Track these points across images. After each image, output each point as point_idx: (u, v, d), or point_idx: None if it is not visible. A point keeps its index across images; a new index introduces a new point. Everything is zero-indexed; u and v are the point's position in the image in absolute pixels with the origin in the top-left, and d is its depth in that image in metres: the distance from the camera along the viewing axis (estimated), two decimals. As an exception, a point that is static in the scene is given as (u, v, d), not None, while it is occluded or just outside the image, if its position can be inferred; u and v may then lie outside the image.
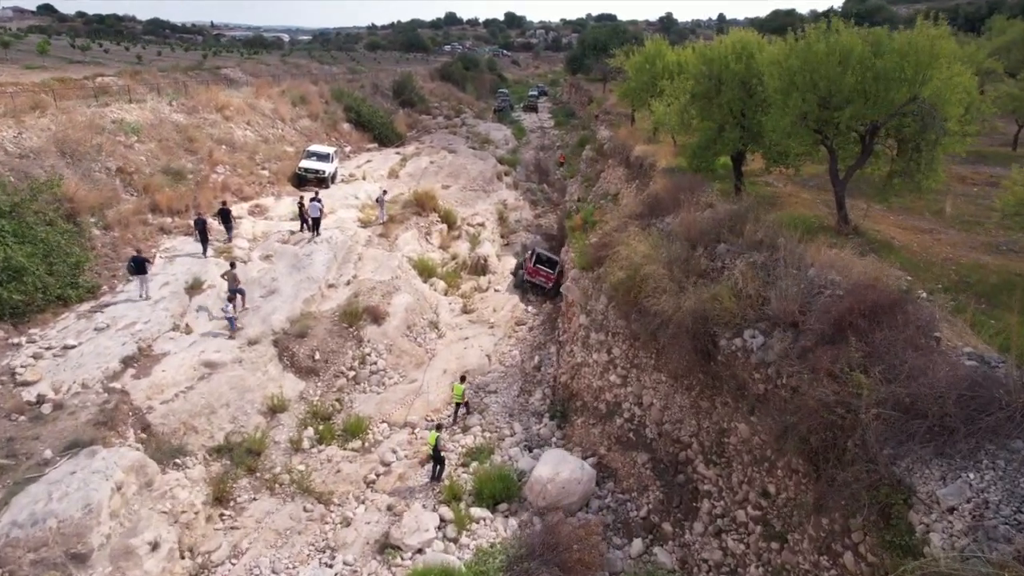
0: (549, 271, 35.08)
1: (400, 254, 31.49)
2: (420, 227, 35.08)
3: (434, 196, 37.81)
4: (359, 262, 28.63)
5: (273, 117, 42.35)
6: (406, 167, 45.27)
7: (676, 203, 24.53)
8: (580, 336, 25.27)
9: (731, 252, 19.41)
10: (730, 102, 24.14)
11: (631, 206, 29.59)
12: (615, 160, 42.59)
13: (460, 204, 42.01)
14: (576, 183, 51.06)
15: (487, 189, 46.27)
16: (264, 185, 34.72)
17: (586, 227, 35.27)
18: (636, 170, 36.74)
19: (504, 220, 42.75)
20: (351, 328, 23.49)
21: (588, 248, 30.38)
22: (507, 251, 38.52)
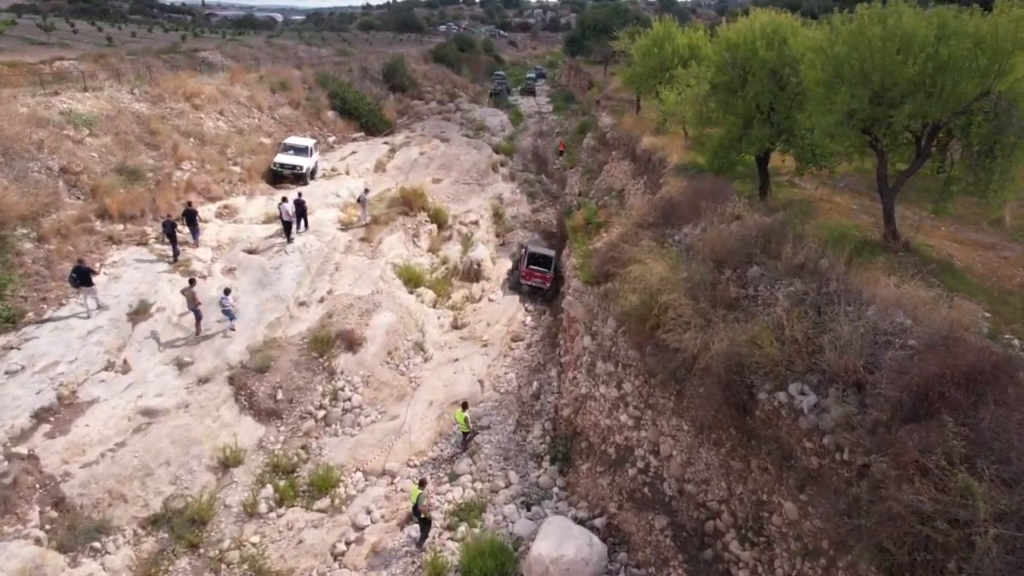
0: (544, 271, 31.97)
1: (384, 261, 28.23)
2: (407, 228, 31.77)
3: (423, 193, 34.43)
4: (336, 273, 25.38)
5: (249, 105, 38.75)
6: (394, 159, 41.79)
7: (695, 211, 21.33)
8: (584, 362, 22.16)
9: (766, 277, 16.27)
10: (758, 95, 20.79)
11: (640, 210, 26.33)
12: (619, 152, 39.20)
13: (452, 200, 38.65)
14: (576, 174, 47.69)
15: (481, 182, 42.87)
16: (235, 183, 31.28)
17: (589, 228, 32.03)
18: (643, 165, 33.41)
19: (500, 217, 39.42)
20: (322, 358, 20.28)
21: (592, 257, 27.16)
22: (503, 252, 35.24)
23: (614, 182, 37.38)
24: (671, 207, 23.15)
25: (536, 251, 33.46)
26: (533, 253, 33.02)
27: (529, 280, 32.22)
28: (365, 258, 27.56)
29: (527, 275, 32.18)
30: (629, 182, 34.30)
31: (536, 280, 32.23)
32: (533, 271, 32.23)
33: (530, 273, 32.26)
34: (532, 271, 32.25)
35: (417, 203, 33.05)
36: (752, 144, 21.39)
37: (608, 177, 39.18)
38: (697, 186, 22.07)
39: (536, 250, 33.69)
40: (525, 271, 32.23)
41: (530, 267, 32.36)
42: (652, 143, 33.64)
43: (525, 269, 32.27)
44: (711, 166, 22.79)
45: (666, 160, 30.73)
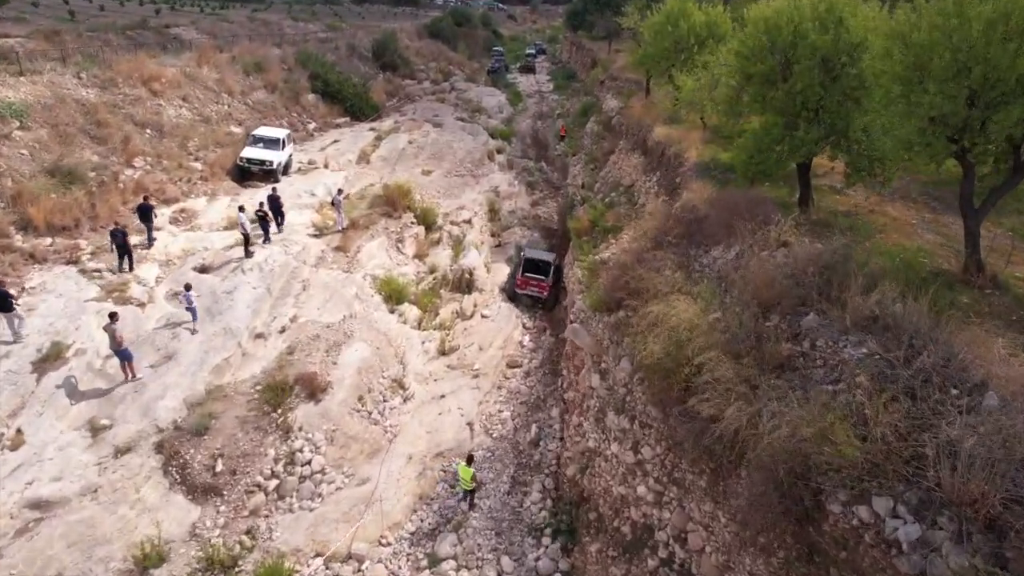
0: (541, 279, 28.28)
1: (362, 274, 24.46)
2: (390, 233, 27.94)
3: (409, 190, 30.49)
4: (303, 294, 21.63)
5: (218, 90, 34.57)
6: (380, 148, 37.70)
7: (727, 229, 17.56)
8: (592, 407, 18.55)
9: (826, 330, 12.68)
10: (806, 90, 16.87)
11: (656, 220, 22.52)
12: (628, 142, 35.19)
13: (443, 195, 34.72)
14: (579, 162, 43.63)
15: (476, 173, 38.86)
16: (195, 182, 27.33)
17: (595, 233, 28.22)
18: (656, 159, 29.46)
19: (496, 213, 35.51)
20: (276, 412, 16.64)
21: (600, 273, 23.41)
22: (499, 255, 31.41)
23: (622, 176, 33.44)
24: (696, 221, 19.33)
25: (532, 256, 29.72)
26: (528, 260, 29.35)
27: (525, 289, 28.52)
28: (340, 272, 23.78)
29: (522, 284, 28.49)
30: (640, 178, 30.39)
31: (532, 289, 28.48)
32: (529, 279, 28.53)
33: (526, 282, 28.55)
34: (528, 279, 28.54)
35: (402, 203, 29.13)
36: (796, 149, 17.50)
37: (615, 169, 35.22)
38: (728, 198, 18.25)
39: (532, 255, 29.93)
40: (520, 279, 28.52)
41: (525, 275, 28.66)
42: (666, 134, 29.65)
43: (520, 277, 28.58)
44: (744, 174, 18.92)
45: (683, 156, 26.82)
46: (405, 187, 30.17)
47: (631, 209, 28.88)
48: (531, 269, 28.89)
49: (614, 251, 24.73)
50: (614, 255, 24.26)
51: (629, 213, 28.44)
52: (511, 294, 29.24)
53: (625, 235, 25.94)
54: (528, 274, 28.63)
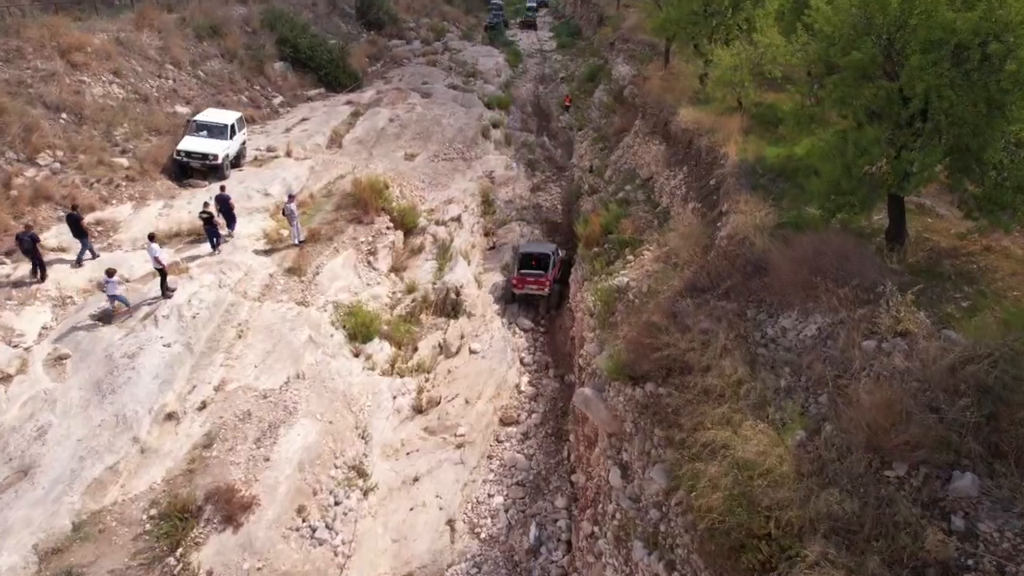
0: (540, 274, 23.70)
1: (321, 303, 19.37)
2: (359, 244, 22.70)
3: (384, 187, 25.14)
4: (238, 344, 16.57)
5: (161, 60, 28.73)
6: (355, 129, 31.93)
7: (804, 288, 12.57)
8: (610, 518, 13.78)
9: (995, 507, 8.05)
10: (928, 91, 11.48)
11: (692, 246, 17.34)
12: (645, 123, 29.54)
13: (428, 184, 29.27)
14: (587, 139, 37.93)
15: (468, 155, 33.26)
16: (118, 184, 21.96)
17: (608, 244, 23.00)
18: (683, 151, 24.01)
19: (490, 205, 30.13)
20: (174, 554, 11.91)
21: (617, 311, 18.36)
22: (493, 261, 26.16)
23: (639, 165, 27.95)
24: (753, 267, 14.16)
25: (529, 251, 24.86)
26: (525, 255, 24.58)
27: (522, 288, 23.88)
28: (291, 305, 18.72)
29: (519, 283, 23.88)
30: (661, 171, 24.95)
31: (531, 287, 23.81)
32: (526, 277, 23.83)
33: (522, 280, 23.82)
34: (525, 277, 23.85)
35: (375, 204, 23.80)
36: (905, 177, 12.20)
37: (630, 155, 29.68)
38: (801, 242, 13.05)
39: (528, 249, 25.07)
40: (516, 278, 23.89)
41: (522, 272, 23.92)
42: (694, 119, 24.12)
43: (516, 276, 23.91)
44: (824, 209, 13.61)
45: (719, 150, 21.44)
46: (379, 183, 24.68)
47: (651, 212, 23.57)
48: (528, 265, 24.32)
49: (634, 276, 19.60)
50: (635, 283, 19.15)
51: (649, 218, 23.15)
52: (507, 297, 24.54)
53: (647, 252, 20.76)
54: (525, 271, 23.97)
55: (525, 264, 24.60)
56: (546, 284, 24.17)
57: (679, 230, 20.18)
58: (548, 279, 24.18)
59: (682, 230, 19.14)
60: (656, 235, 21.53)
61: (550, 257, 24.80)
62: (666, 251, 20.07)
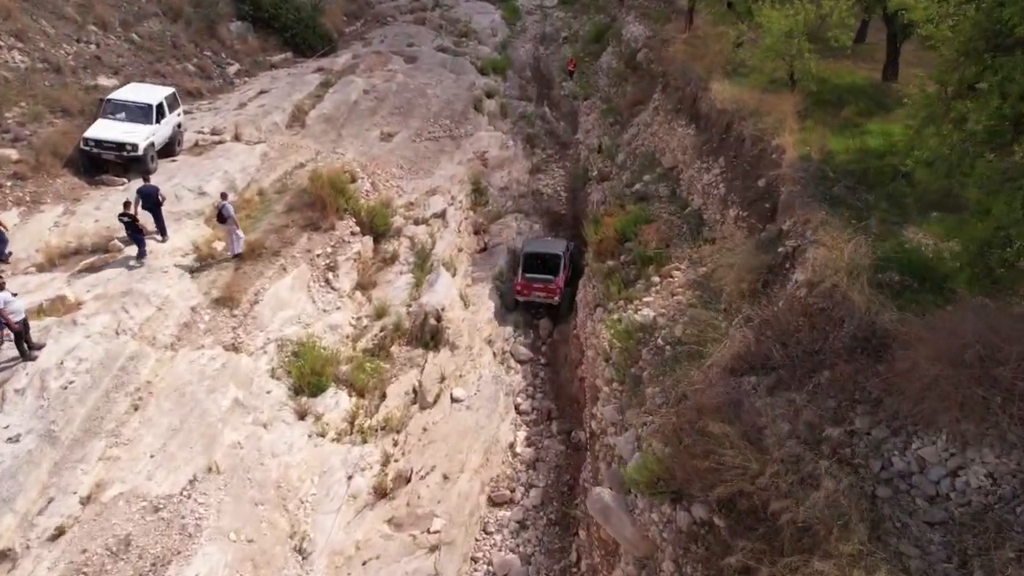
0: (549, 280, 19.99)
1: (259, 343, 14.83)
2: (314, 258, 17.94)
3: (349, 180, 20.32)
4: (132, 419, 12.04)
5: (82, 21, 23.40)
6: (323, 103, 26.69)
7: (962, 402, 7.85)
8: None
9: None
10: None
11: (741, 282, 12.68)
12: (667, 98, 24.34)
13: (408, 172, 24.30)
14: (594, 111, 32.62)
15: (457, 132, 28.13)
16: (1, 184, 17.23)
17: (625, 256, 18.25)
18: (719, 138, 19.06)
19: (482, 193, 25.25)
20: None
21: (640, 360, 13.77)
22: (484, 268, 21.36)
23: (660, 149, 22.95)
24: (858, 342, 9.47)
25: (535, 250, 20.61)
26: (531, 255, 20.26)
27: (528, 295, 20.21)
28: (216, 350, 14.14)
29: (524, 288, 20.10)
30: (690, 161, 19.99)
31: (539, 295, 19.84)
32: (532, 282, 19.77)
33: (527, 285, 19.79)
34: (531, 283, 19.75)
35: (334, 203, 18.97)
36: None
37: (648, 136, 24.61)
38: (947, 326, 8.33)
39: (535, 248, 20.85)
40: (521, 283, 19.77)
41: (528, 276, 19.78)
42: (733, 97, 19.13)
43: (521, 280, 19.75)
44: (973, 277, 8.80)
45: (768, 140, 16.59)
46: (342, 178, 19.75)
47: (679, 215, 18.73)
48: (535, 268, 20.17)
49: (662, 308, 14.93)
50: (664, 319, 14.49)
51: (676, 223, 18.34)
52: (510, 303, 20.35)
53: (677, 272, 16.04)
54: (531, 275, 19.98)
55: (531, 266, 20.14)
56: (556, 292, 19.78)
57: (721, 248, 15.46)
58: (558, 285, 19.75)
59: (727, 251, 14.43)
60: (688, 249, 16.78)
61: (560, 258, 20.26)
62: (703, 273, 15.39)
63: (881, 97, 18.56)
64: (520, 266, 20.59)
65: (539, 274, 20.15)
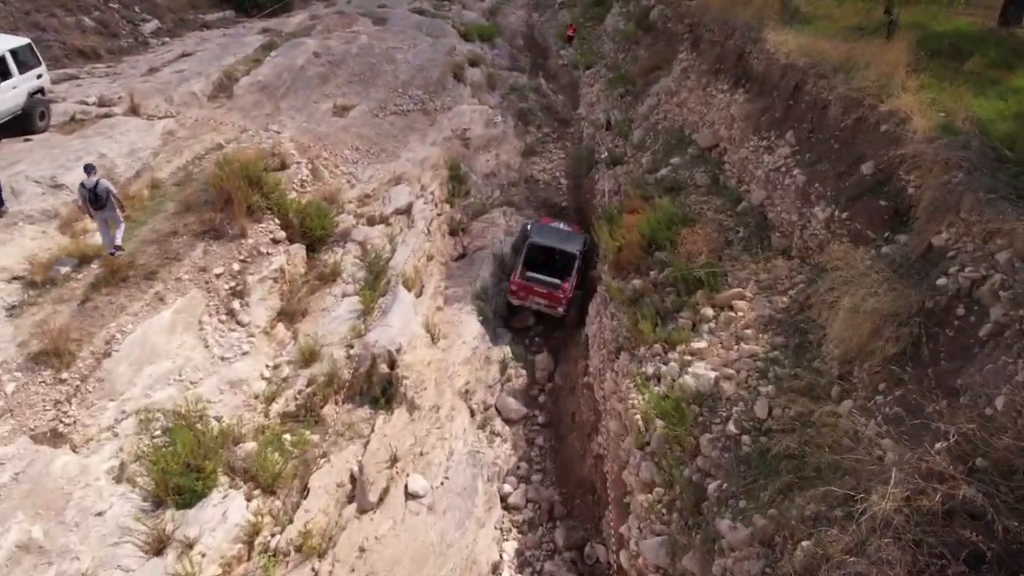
0: (555, 284, 14.74)
1: (104, 425, 9.46)
2: (212, 279, 12.33)
3: (275, 166, 14.76)
4: None
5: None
6: (260, 69, 21.01)
7: None
8: None
9: None
10: None
11: (868, 335, 7.29)
12: (700, 57, 18.58)
13: (365, 154, 18.60)
14: (598, 82, 26.81)
15: (432, 105, 22.44)
16: None
17: (656, 273, 12.75)
18: (783, 105, 13.40)
19: (461, 181, 19.68)
20: None
21: (697, 438, 8.20)
22: (461, 282, 15.83)
23: (691, 123, 17.30)
24: None
25: (543, 242, 15.57)
26: (538, 246, 15.45)
27: (526, 300, 15.06)
28: (16, 444, 8.82)
29: (522, 290, 14.95)
30: (741, 138, 14.33)
31: (540, 301, 14.95)
32: (533, 284, 14.83)
33: (527, 287, 14.89)
34: (531, 284, 14.84)
35: (244, 200, 13.35)
36: None
37: (673, 107, 18.93)
38: None
39: (544, 240, 15.67)
40: (518, 282, 14.95)
41: (529, 276, 14.90)
42: (800, 48, 13.55)
43: (518, 280, 14.95)
44: None
45: (871, 104, 11.00)
46: (260, 164, 14.18)
47: (730, 212, 13.23)
48: (540, 265, 15.16)
49: (725, 365, 9.47)
50: (732, 386, 9.05)
51: (729, 224, 12.85)
52: (504, 308, 15.66)
53: (742, 304, 10.52)
54: (534, 275, 14.85)
55: (535, 262, 15.16)
56: (562, 301, 14.60)
57: (809, 265, 10.03)
58: (567, 292, 14.53)
59: (826, 273, 8.96)
60: (752, 264, 11.32)
61: (575, 259, 15.13)
62: (784, 306, 9.95)
63: (1016, 45, 13.09)
64: (520, 259, 15.30)
65: (544, 275, 14.84)
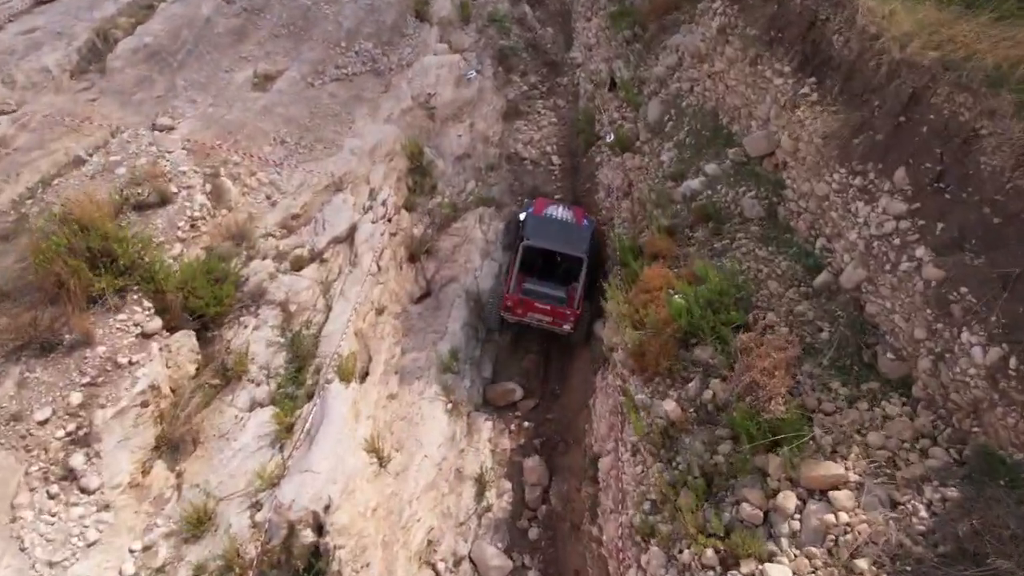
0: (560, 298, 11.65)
1: None
2: (32, 429, 8.11)
3: (156, 197, 9.93)
4: None
5: None
6: (148, 25, 14.93)
7: None
8: None
9: None
10: None
11: None
12: (743, 15, 13.58)
13: (294, 148, 13.57)
14: (598, 17, 21.23)
15: (384, 63, 17.02)
16: None
17: (696, 387, 8.60)
18: (889, 122, 8.75)
19: (426, 174, 14.93)
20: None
21: None
22: (421, 344, 11.56)
23: (731, 110, 12.35)
24: None
25: (544, 243, 12.04)
26: (535, 249, 12.02)
27: (522, 316, 11.70)
28: None
29: (518, 306, 11.63)
30: (816, 161, 9.75)
31: (542, 317, 11.62)
32: (533, 298, 11.57)
33: (526, 302, 11.58)
34: (531, 298, 11.57)
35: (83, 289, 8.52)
36: None
37: (702, 78, 13.77)
38: None
39: (544, 241, 12.05)
40: (515, 296, 11.61)
41: (528, 289, 11.70)
42: (919, 28, 8.74)
43: (516, 293, 11.62)
44: None
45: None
46: (104, 222, 9.36)
47: (802, 285, 8.94)
48: (542, 272, 12.20)
49: None
50: None
51: (805, 315, 8.60)
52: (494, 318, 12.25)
53: (847, 499, 6.60)
54: (533, 285, 11.72)
55: (533, 267, 12.07)
56: (571, 317, 11.43)
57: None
58: (575, 307, 11.41)
59: None
60: (849, 399, 7.26)
61: (583, 263, 11.65)
62: (929, 535, 5.98)
63: None
64: (515, 265, 11.70)
65: (545, 282, 11.67)
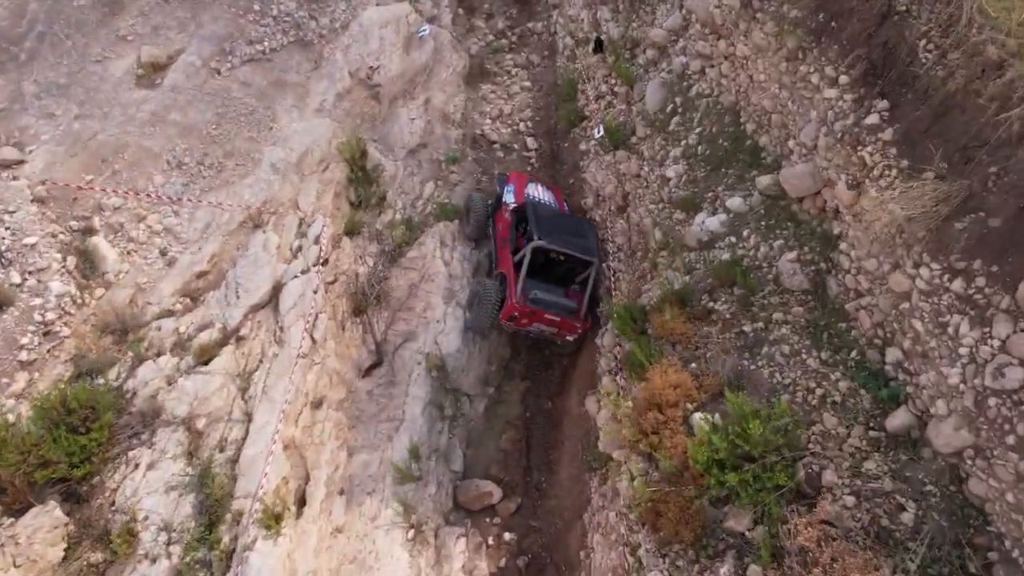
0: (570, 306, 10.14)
1: None
2: None
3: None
4: None
5: None
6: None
7: None
8: None
9: None
10: None
11: None
12: None
13: (195, 171, 10.28)
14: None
15: (311, 31, 13.02)
16: None
17: None
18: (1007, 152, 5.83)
19: (371, 181, 11.81)
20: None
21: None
22: (374, 445, 8.98)
23: (759, 116, 9.18)
24: None
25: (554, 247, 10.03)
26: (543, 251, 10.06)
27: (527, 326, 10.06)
28: None
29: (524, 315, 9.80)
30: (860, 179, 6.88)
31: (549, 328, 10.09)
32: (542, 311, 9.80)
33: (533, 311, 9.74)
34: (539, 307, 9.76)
35: None
36: None
37: (718, 60, 10.64)
38: None
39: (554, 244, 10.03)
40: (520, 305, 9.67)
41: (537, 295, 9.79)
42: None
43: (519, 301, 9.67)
44: None
45: None
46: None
47: (871, 428, 6.45)
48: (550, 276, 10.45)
49: None
50: None
51: (879, 472, 6.15)
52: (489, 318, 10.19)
53: None
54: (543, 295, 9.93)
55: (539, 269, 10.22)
56: (580, 327, 10.16)
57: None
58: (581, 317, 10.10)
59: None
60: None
61: (591, 266, 10.13)
62: None
63: None
64: (523, 269, 9.88)
65: (555, 293, 10.14)
